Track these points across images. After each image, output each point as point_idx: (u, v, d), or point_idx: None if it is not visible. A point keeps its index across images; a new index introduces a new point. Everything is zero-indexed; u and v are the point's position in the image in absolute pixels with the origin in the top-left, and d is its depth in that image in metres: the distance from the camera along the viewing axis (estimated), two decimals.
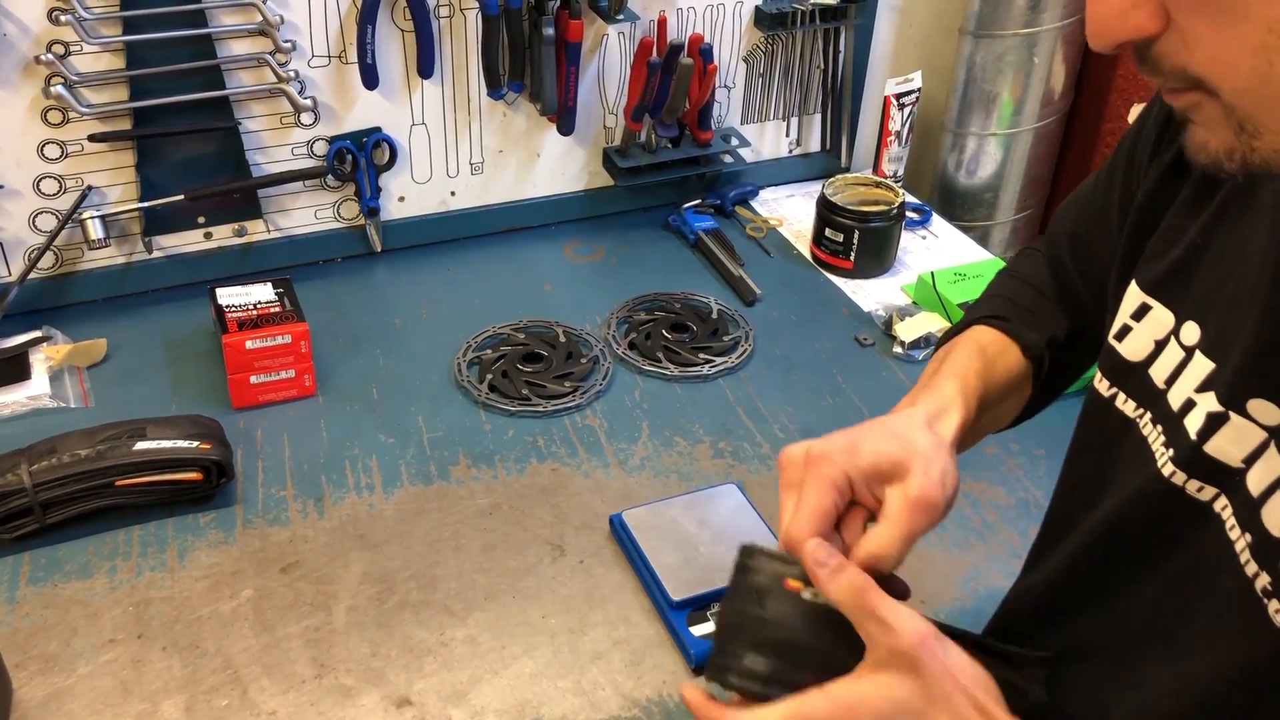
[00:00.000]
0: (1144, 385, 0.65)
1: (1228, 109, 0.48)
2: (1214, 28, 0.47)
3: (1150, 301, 0.66)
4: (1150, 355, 0.65)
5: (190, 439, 1.07)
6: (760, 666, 0.66)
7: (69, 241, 1.33)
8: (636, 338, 1.33)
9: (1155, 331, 0.65)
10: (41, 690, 0.89)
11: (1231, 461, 0.59)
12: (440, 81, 1.41)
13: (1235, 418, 0.58)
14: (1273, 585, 0.56)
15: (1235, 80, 0.47)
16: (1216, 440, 0.59)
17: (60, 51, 1.22)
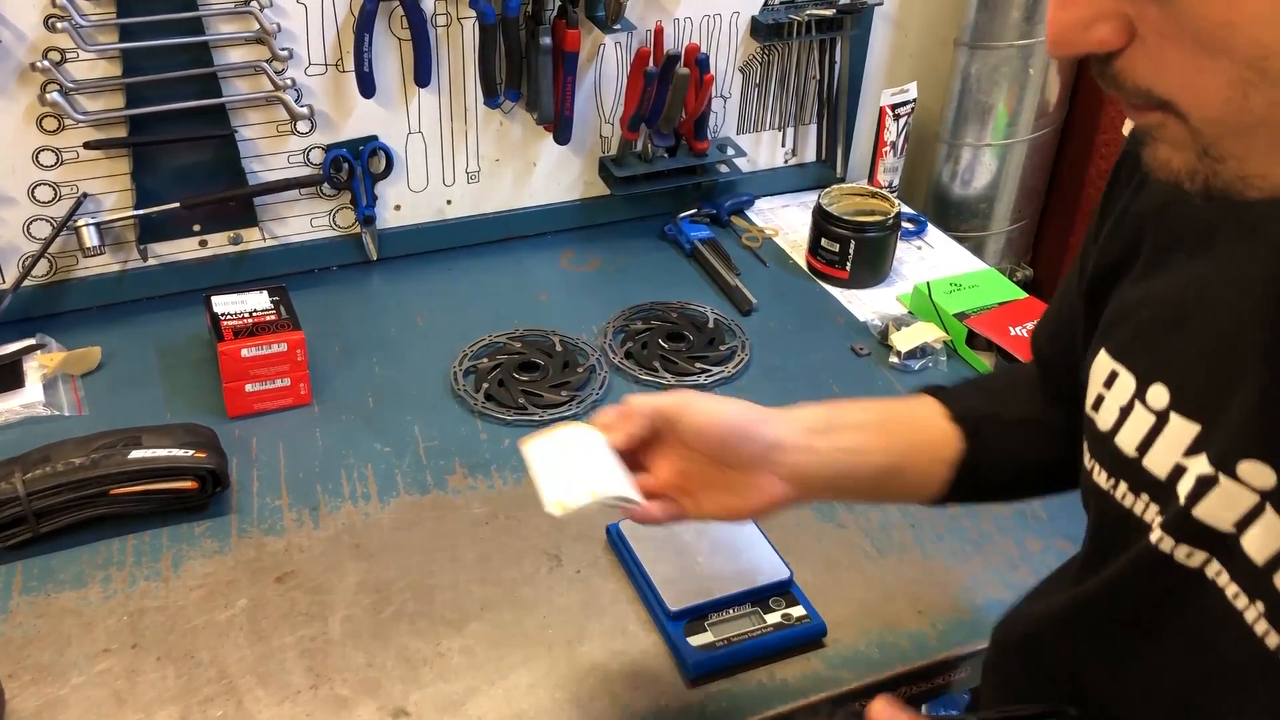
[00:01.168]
0: (1114, 455, 0.64)
1: (1194, 133, 0.47)
2: (1188, 55, 0.45)
3: (1118, 367, 0.64)
4: (1116, 423, 0.64)
5: (185, 447, 1.06)
6: None
7: (64, 249, 1.33)
8: (633, 347, 1.33)
9: (1120, 399, 0.63)
10: (35, 701, 0.88)
11: (1222, 526, 0.57)
12: (437, 90, 1.41)
13: (1225, 480, 0.57)
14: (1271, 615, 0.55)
15: (1206, 110, 0.46)
16: (1206, 504, 0.58)
17: (56, 58, 1.22)
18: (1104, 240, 0.69)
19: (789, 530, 1.07)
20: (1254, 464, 0.55)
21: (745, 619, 0.95)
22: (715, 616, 0.95)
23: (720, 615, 0.95)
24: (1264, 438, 0.55)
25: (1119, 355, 0.64)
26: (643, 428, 0.77)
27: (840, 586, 1.02)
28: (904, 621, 0.98)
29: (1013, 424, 0.81)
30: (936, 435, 0.80)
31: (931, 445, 0.80)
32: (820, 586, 1.01)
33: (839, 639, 0.96)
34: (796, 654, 0.95)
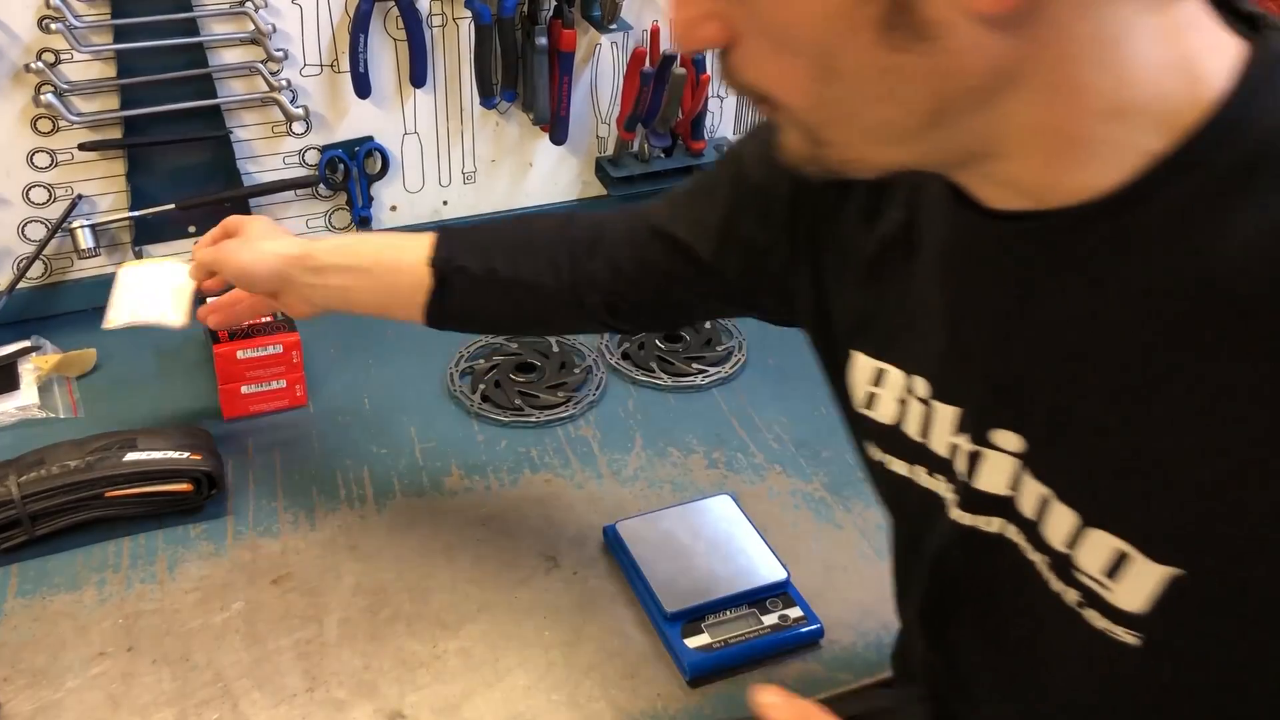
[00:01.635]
0: (904, 443, 0.67)
1: (797, 122, 0.53)
2: (772, 53, 0.50)
3: (883, 366, 0.68)
4: (899, 414, 0.67)
5: (181, 450, 1.06)
6: None
7: (58, 251, 1.32)
8: (630, 347, 1.33)
9: (895, 392, 0.67)
10: (29, 704, 0.88)
11: (1000, 490, 0.61)
12: (433, 91, 1.41)
13: (987, 451, 0.61)
14: (1082, 596, 0.57)
15: (796, 102, 0.51)
16: (981, 475, 0.62)
17: (50, 60, 1.21)
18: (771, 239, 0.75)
19: (786, 531, 1.07)
20: (1003, 432, 0.59)
21: (742, 620, 0.95)
22: (712, 618, 0.95)
23: (717, 616, 0.95)
24: (1003, 408, 0.59)
25: (881, 354, 0.68)
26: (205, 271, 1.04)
27: (837, 588, 1.01)
28: None
29: (482, 280, 0.91)
30: (412, 280, 0.93)
31: (408, 290, 0.94)
32: (817, 588, 1.00)
33: (836, 640, 0.96)
34: (794, 655, 0.95)
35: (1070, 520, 0.56)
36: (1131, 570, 0.54)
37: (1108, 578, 0.55)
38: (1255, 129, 0.48)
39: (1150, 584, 0.53)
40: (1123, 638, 0.56)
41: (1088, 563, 0.56)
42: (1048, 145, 0.50)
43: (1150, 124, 0.48)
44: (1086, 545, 0.56)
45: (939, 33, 0.46)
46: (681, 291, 0.87)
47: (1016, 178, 0.52)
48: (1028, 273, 0.55)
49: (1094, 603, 0.57)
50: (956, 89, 0.48)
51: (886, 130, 0.51)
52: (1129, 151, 0.49)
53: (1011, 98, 0.48)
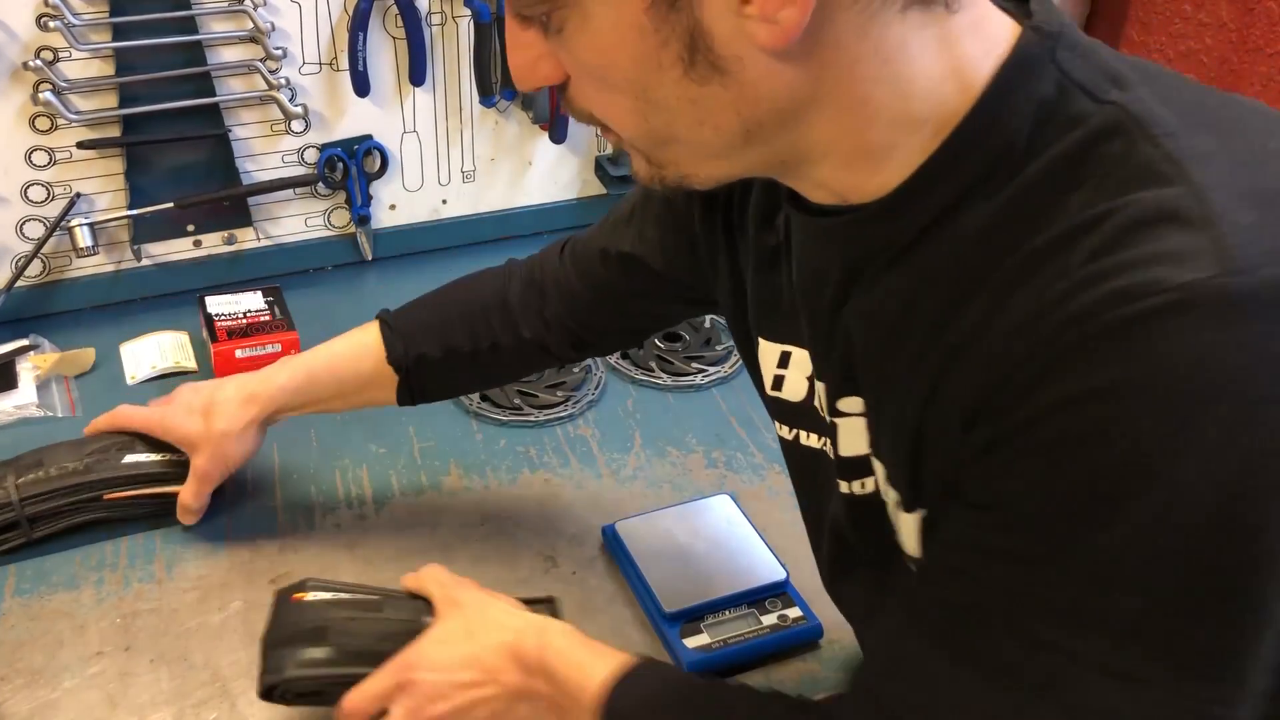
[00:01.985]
0: (815, 419, 0.73)
1: (633, 147, 0.59)
2: (596, 89, 0.56)
3: (787, 348, 0.74)
4: (809, 392, 0.73)
5: (179, 451, 1.05)
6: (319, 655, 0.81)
7: (57, 249, 1.32)
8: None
9: (804, 369, 0.72)
10: (27, 704, 0.88)
11: (859, 451, 0.67)
12: (432, 89, 1.41)
13: (840, 421, 0.68)
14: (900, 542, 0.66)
15: (625, 130, 0.57)
16: (842, 442, 0.68)
17: (49, 58, 1.21)
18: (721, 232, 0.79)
19: (785, 531, 1.06)
20: (848, 399, 0.66)
21: (741, 620, 0.95)
22: (711, 618, 0.95)
23: (716, 616, 0.95)
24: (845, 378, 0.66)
25: (781, 338, 0.74)
26: None
27: None
28: None
29: (443, 362, 0.97)
30: (378, 384, 1.00)
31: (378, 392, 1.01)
32: (817, 588, 0.99)
33: (836, 640, 0.96)
34: (793, 655, 0.95)
35: (881, 473, 0.65)
36: (901, 518, 0.64)
37: (898, 524, 0.65)
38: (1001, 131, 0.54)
39: (913, 528, 0.62)
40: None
41: (890, 512, 0.65)
42: (846, 153, 0.56)
43: (931, 130, 0.55)
44: (888, 497, 0.65)
45: (734, 67, 0.52)
46: (643, 304, 0.94)
47: (826, 181, 0.59)
48: (836, 259, 0.63)
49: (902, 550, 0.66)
50: (761, 112, 0.54)
51: (707, 150, 0.57)
52: (913, 155, 0.55)
53: (812, 114, 0.54)
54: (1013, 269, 0.52)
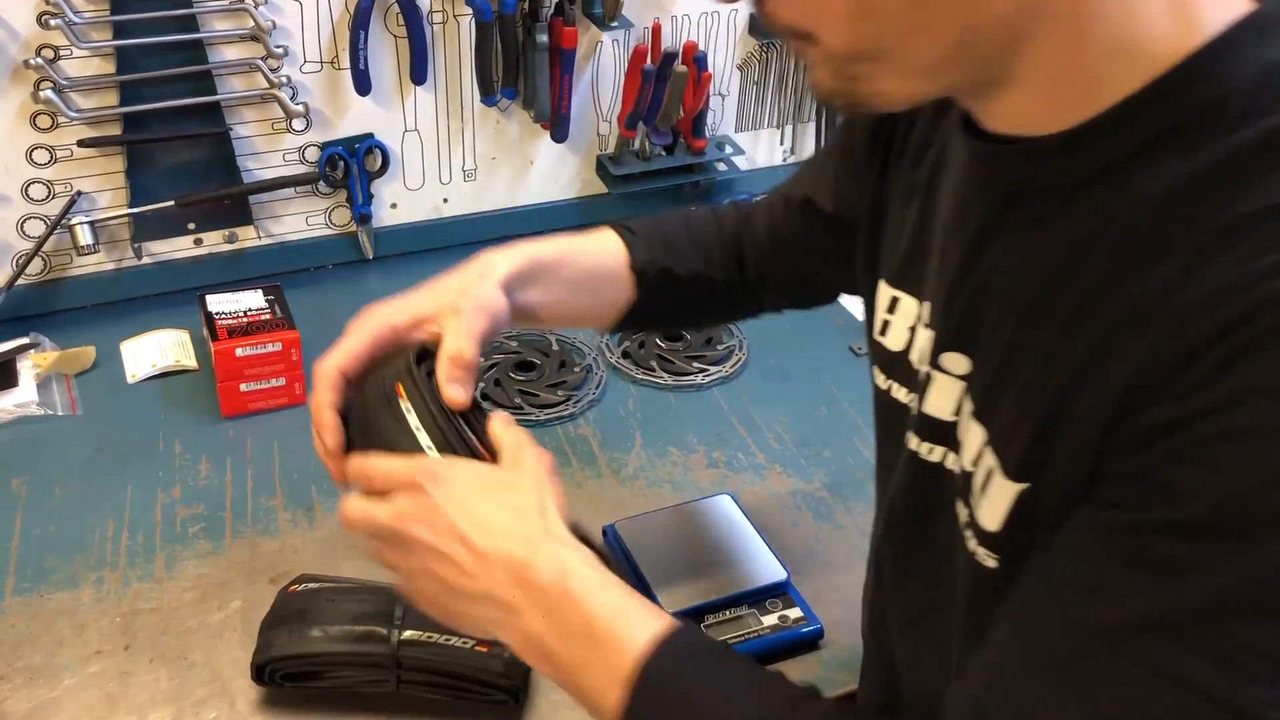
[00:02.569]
0: (909, 372, 0.69)
1: (830, 58, 0.54)
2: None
3: (897, 293, 0.70)
4: (908, 343, 0.69)
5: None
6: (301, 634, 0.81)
7: (57, 247, 1.32)
8: (630, 346, 1.32)
9: (908, 319, 0.69)
10: (26, 703, 0.87)
11: (944, 416, 0.63)
12: (433, 88, 1.41)
13: (936, 374, 0.63)
14: (968, 516, 0.60)
15: (834, 36, 0.53)
16: (930, 399, 0.64)
17: (50, 56, 1.21)
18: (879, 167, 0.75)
19: (786, 531, 1.06)
20: (952, 354, 0.62)
21: (742, 620, 0.94)
22: (712, 618, 0.94)
23: (717, 617, 0.95)
24: (957, 330, 0.61)
25: (895, 282, 0.70)
26: None
27: (837, 588, 1.01)
28: None
29: (684, 281, 0.90)
30: (616, 287, 0.88)
31: (611, 299, 0.89)
32: (817, 588, 1.00)
33: (836, 641, 0.96)
34: (793, 656, 0.94)
35: (979, 438, 0.59)
36: (993, 487, 0.57)
37: (981, 495, 0.58)
38: (1214, 85, 0.49)
39: (1004, 501, 0.56)
40: (985, 561, 0.59)
41: (976, 482, 0.59)
42: (1051, 78, 0.51)
43: (1141, 67, 0.50)
44: (981, 464, 0.59)
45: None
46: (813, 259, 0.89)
47: (1018, 108, 0.54)
48: (995, 194, 0.58)
49: (971, 523, 0.60)
50: (983, 21, 0.49)
51: (913, 63, 0.52)
52: (1118, 90, 0.51)
53: (1034, 28, 0.49)
54: (1211, 236, 0.47)
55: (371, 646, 0.86)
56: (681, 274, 0.89)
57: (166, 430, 1.17)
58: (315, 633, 0.87)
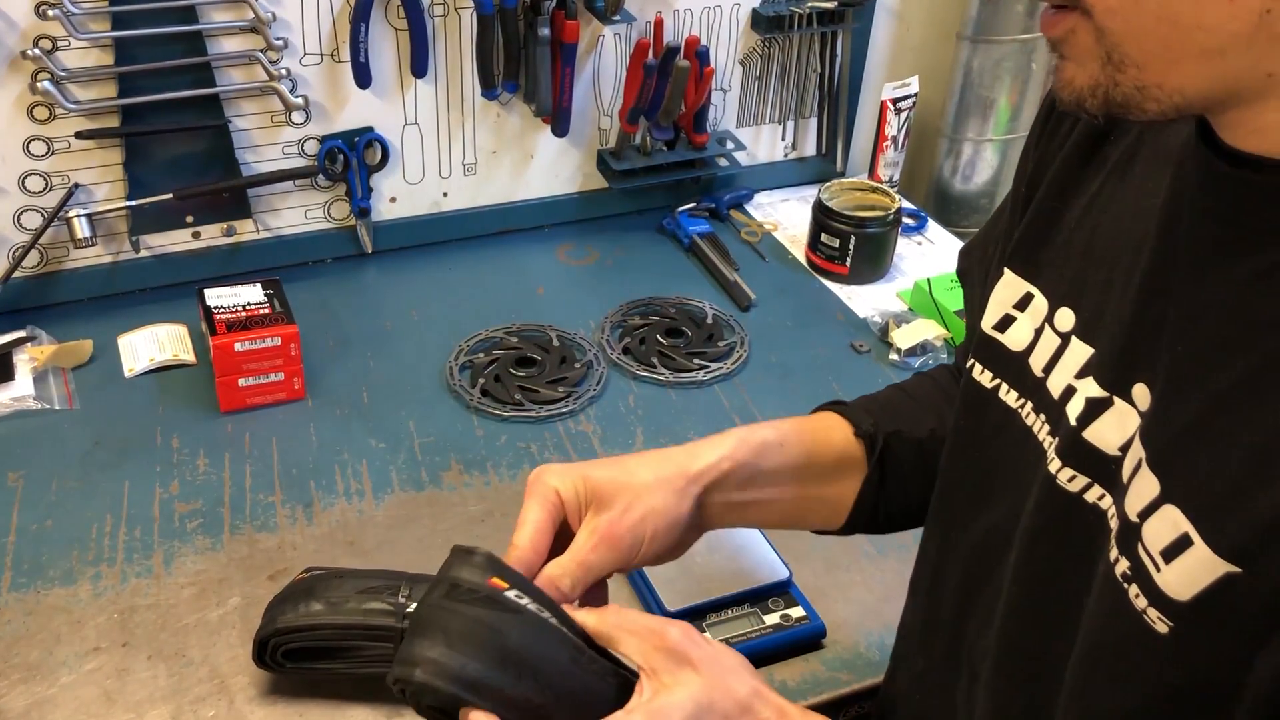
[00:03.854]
0: (1024, 375, 0.64)
1: (1099, 33, 0.48)
2: None
3: (1031, 289, 0.65)
4: (1030, 344, 0.64)
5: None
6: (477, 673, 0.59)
7: (54, 240, 1.31)
8: (630, 342, 1.32)
9: (1034, 319, 0.64)
10: (23, 700, 0.87)
11: (1109, 449, 0.57)
12: (433, 81, 1.40)
13: (1119, 402, 0.57)
14: (1131, 570, 0.54)
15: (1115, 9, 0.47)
16: (1096, 427, 0.58)
17: (48, 46, 1.20)
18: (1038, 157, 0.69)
19: (788, 531, 1.06)
20: (1143, 387, 0.55)
21: (744, 620, 0.94)
22: (714, 617, 0.94)
23: (719, 616, 0.94)
24: (1147, 359, 0.55)
25: (1030, 276, 0.65)
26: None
27: (840, 587, 1.01)
28: None
29: (924, 442, 0.79)
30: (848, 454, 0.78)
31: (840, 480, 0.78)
32: (819, 587, 1.00)
33: (838, 640, 0.96)
34: (795, 655, 0.94)
35: (1153, 489, 0.53)
36: (1189, 556, 0.51)
37: (1164, 560, 0.52)
38: None
39: (1204, 576, 0.50)
40: (1154, 624, 0.53)
41: (1151, 538, 0.53)
42: None
43: None
44: (1156, 519, 0.53)
45: None
46: None
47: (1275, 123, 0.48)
48: (1218, 220, 0.52)
49: (1140, 579, 0.54)
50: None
51: (1203, 38, 0.46)
52: None
53: None
54: None
55: (379, 619, 0.86)
56: (915, 436, 0.79)
57: (164, 425, 1.17)
58: (320, 606, 0.86)
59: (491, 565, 0.62)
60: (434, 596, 0.61)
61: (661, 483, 0.70)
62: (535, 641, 0.61)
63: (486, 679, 0.58)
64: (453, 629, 0.59)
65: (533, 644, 0.60)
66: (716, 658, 0.62)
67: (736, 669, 0.63)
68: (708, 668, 0.61)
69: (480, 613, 0.60)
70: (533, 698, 0.59)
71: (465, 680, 0.58)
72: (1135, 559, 0.54)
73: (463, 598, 0.60)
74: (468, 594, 0.60)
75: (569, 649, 0.62)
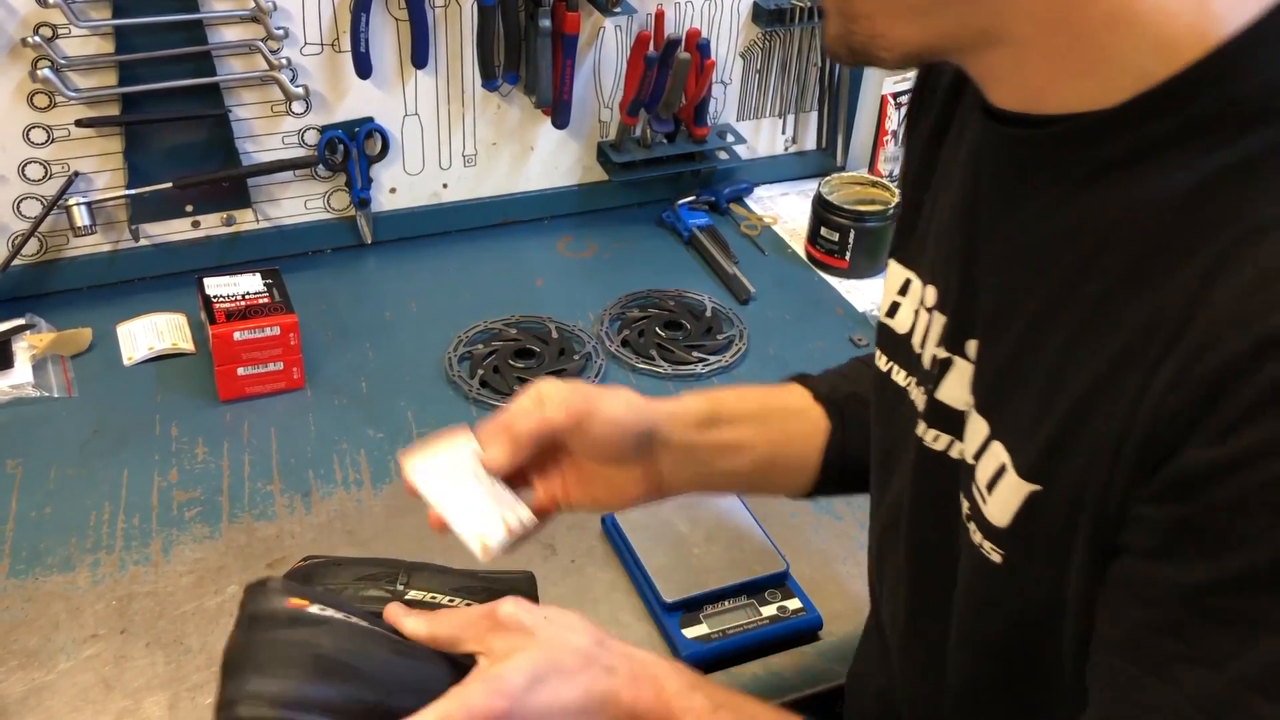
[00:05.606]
0: (909, 354, 0.69)
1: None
2: None
3: (909, 274, 0.69)
4: (912, 325, 0.68)
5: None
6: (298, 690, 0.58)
7: (54, 228, 1.31)
8: (629, 335, 1.32)
9: (914, 302, 0.68)
10: (21, 686, 0.87)
11: (957, 405, 0.62)
12: (434, 72, 1.40)
13: (958, 360, 0.62)
14: (970, 509, 0.60)
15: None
16: (945, 386, 0.63)
17: (48, 34, 1.20)
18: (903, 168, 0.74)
19: (785, 522, 1.06)
20: (973, 342, 0.60)
21: (740, 611, 0.94)
22: (710, 608, 0.94)
23: (715, 607, 0.94)
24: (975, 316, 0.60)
25: (910, 263, 0.70)
26: (530, 452, 0.75)
27: (836, 579, 1.01)
28: None
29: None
30: (808, 422, 0.82)
31: (804, 434, 0.82)
32: (816, 579, 1.00)
33: (834, 632, 0.96)
34: (792, 647, 0.94)
35: (982, 431, 0.59)
36: (1004, 484, 0.56)
37: (988, 491, 0.58)
38: (1239, 81, 0.47)
39: (1015, 499, 0.56)
40: (990, 554, 0.59)
41: (981, 475, 0.59)
42: (1051, 38, 0.50)
43: (1149, 44, 0.48)
44: (985, 457, 0.58)
45: None
46: None
47: (1020, 72, 0.53)
48: (1002, 177, 0.57)
49: (976, 516, 0.59)
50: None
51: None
52: (1123, 71, 0.49)
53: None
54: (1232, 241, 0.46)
55: (376, 606, 0.85)
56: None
57: (163, 413, 1.17)
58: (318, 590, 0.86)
59: (287, 588, 0.63)
60: (237, 636, 0.61)
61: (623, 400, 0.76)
62: (350, 644, 0.61)
63: (309, 693, 0.58)
64: (262, 657, 0.59)
65: (347, 646, 0.61)
66: (552, 619, 0.65)
67: (574, 625, 0.66)
68: (543, 629, 0.64)
69: (285, 634, 0.60)
70: (364, 696, 0.59)
71: (288, 700, 0.57)
72: (972, 499, 0.60)
73: (264, 626, 0.60)
74: (268, 621, 0.60)
75: (387, 643, 0.62)
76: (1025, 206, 0.56)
